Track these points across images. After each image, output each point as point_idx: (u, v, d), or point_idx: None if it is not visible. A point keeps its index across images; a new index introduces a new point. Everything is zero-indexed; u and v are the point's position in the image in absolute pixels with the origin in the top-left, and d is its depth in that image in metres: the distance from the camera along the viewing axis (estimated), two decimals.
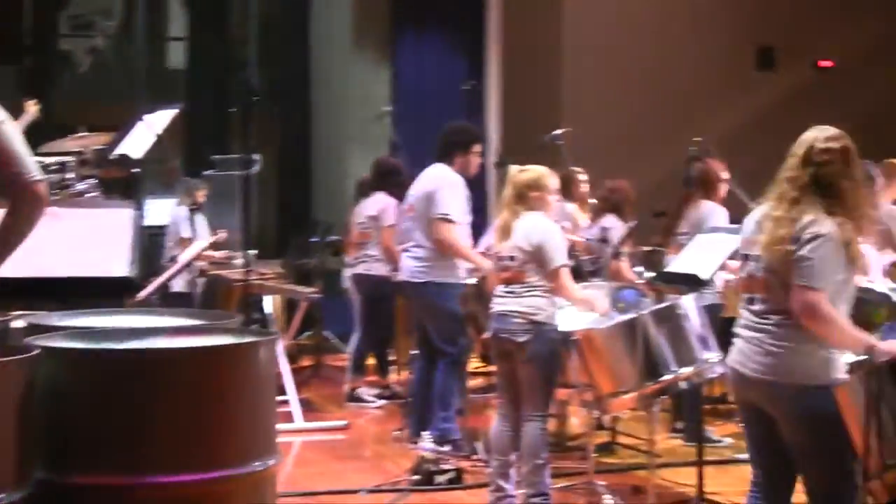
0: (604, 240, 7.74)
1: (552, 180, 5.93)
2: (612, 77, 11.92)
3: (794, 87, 12.45)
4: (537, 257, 5.70)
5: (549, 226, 5.79)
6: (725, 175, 7.31)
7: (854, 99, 11.77)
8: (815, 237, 3.91)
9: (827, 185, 4.01)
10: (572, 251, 6.92)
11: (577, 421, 7.71)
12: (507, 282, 5.79)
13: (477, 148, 7.18)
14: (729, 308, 7.13)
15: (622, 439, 7.28)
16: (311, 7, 12.61)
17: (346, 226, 9.59)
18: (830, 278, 3.92)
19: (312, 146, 12.31)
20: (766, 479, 4.30)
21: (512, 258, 5.76)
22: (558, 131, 7.66)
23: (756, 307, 4.12)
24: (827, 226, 3.93)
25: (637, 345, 5.46)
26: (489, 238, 6.65)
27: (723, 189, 7.40)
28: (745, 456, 6.59)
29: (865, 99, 11.86)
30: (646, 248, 8.49)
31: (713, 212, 7.14)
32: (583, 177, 8.91)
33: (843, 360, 4.10)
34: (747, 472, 6.51)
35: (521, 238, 5.74)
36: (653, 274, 7.01)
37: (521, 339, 5.65)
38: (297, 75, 12.32)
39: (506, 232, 5.80)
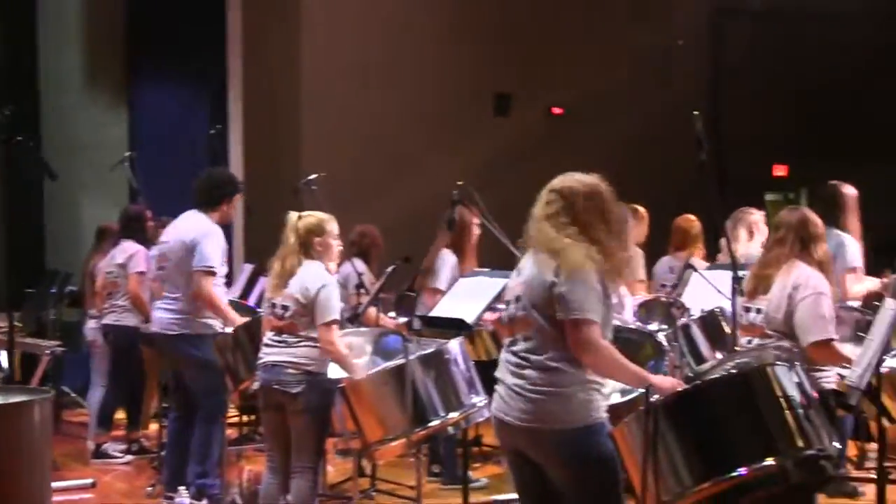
0: (360, 285, 7.72)
1: (333, 225, 5.84)
2: (352, 122, 11.97)
3: (527, 133, 12.85)
4: (311, 310, 5.57)
5: (327, 279, 5.66)
6: (476, 221, 7.43)
7: (584, 144, 12.24)
8: (573, 272, 4.00)
9: (584, 226, 4.12)
10: None
11: (332, 469, 7.65)
12: (279, 331, 5.66)
13: (239, 196, 7.09)
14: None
15: (381, 485, 7.26)
16: (39, 45, 12.08)
17: (86, 275, 9.21)
18: (596, 308, 4.01)
19: (44, 192, 11.76)
20: None
21: (285, 308, 5.64)
22: (312, 176, 7.57)
23: (517, 347, 4.14)
24: (583, 262, 4.02)
25: (405, 391, 5.44)
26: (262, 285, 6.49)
27: (473, 235, 7.57)
28: (505, 497, 6.77)
29: (595, 144, 12.35)
30: (400, 293, 8.53)
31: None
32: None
33: (607, 401, 4.19)
34: None
35: (298, 289, 5.60)
36: (408, 319, 7.04)
37: (295, 390, 5.52)
38: (26, 117, 11.76)
39: (283, 280, 5.67)
